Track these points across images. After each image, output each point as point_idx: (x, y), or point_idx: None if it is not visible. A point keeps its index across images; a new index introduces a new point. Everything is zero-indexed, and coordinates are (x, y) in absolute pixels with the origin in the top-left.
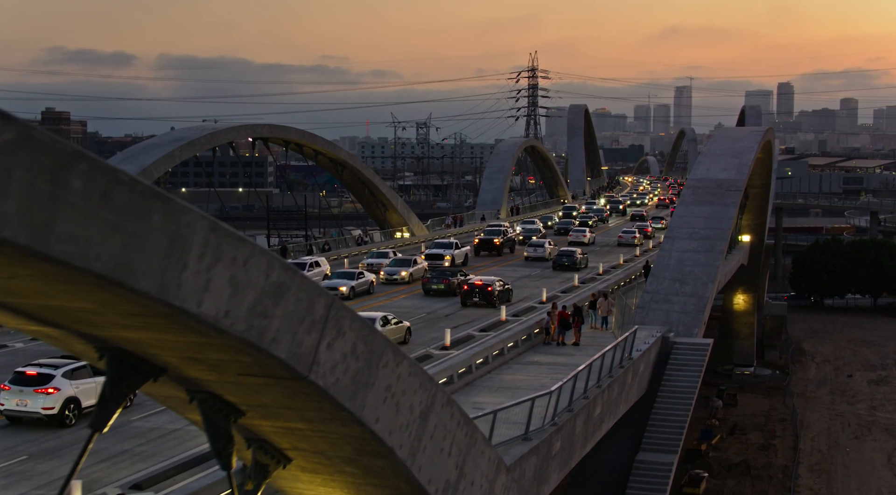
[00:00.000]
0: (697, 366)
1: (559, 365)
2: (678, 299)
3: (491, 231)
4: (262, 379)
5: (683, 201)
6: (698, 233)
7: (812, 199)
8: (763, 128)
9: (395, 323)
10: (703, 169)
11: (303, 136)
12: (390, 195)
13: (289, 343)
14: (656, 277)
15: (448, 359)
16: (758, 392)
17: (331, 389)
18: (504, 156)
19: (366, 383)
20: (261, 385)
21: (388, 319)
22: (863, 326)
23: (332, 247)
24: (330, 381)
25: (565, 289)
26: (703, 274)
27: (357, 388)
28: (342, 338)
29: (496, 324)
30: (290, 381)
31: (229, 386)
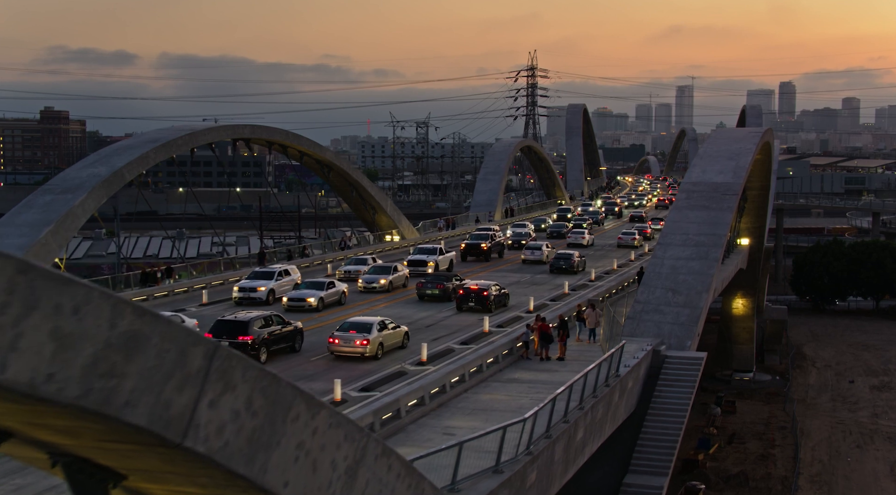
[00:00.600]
0: (690, 382)
1: (541, 383)
2: (670, 310)
3: (478, 235)
4: (128, 445)
5: (677, 206)
6: (692, 239)
7: (813, 200)
8: (761, 129)
9: (393, 327)
10: (699, 172)
11: (286, 137)
12: (379, 197)
13: (151, 405)
14: (648, 286)
15: (422, 377)
16: (757, 398)
17: (218, 455)
18: (499, 156)
19: (268, 443)
20: (131, 450)
21: (385, 324)
22: (865, 330)
23: (313, 251)
24: (216, 446)
25: (555, 297)
26: (697, 282)
27: (256, 450)
28: (231, 392)
29: (479, 336)
30: (163, 448)
31: (95, 451)
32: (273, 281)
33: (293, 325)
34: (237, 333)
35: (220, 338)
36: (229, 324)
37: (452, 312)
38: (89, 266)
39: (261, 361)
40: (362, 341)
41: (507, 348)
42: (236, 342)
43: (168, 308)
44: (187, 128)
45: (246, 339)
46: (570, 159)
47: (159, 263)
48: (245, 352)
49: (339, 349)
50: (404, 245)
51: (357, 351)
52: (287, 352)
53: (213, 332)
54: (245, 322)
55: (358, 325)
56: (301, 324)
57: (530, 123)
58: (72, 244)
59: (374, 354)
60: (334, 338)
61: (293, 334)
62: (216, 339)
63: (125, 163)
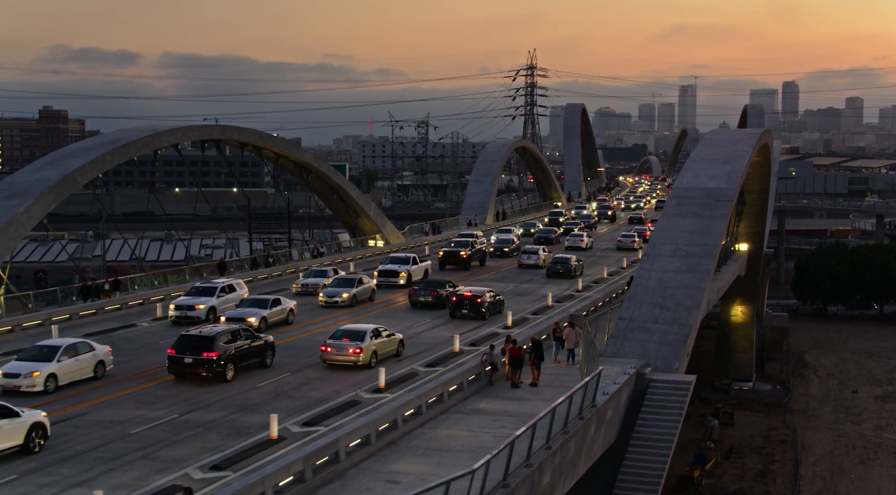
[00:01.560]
0: (677, 409)
1: (508, 415)
2: (657, 327)
3: (458, 242)
4: None
5: (667, 213)
6: (682, 249)
7: (816, 201)
8: (759, 131)
9: (387, 335)
10: (691, 176)
11: (260, 138)
12: (362, 200)
13: None
14: (633, 301)
15: (375, 409)
16: (757, 409)
17: None
18: (492, 157)
19: None
20: None
21: (379, 331)
22: (868, 336)
23: (283, 259)
24: None
25: (538, 310)
26: (686, 298)
27: None
28: None
29: (449, 356)
30: None
31: None
32: (214, 297)
33: (263, 339)
34: (201, 349)
35: (184, 355)
36: (193, 340)
37: (444, 320)
38: (73, 269)
39: (227, 379)
40: (355, 349)
41: (475, 373)
42: (201, 358)
43: (117, 322)
44: (149, 128)
45: (211, 356)
46: (567, 160)
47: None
48: (210, 369)
49: (332, 357)
50: (386, 251)
51: (350, 359)
52: (257, 367)
53: (175, 348)
54: (210, 337)
55: (351, 333)
56: (272, 338)
57: (529, 123)
58: (56, 247)
59: (367, 363)
60: (326, 346)
61: (263, 349)
62: (179, 356)
63: (78, 166)
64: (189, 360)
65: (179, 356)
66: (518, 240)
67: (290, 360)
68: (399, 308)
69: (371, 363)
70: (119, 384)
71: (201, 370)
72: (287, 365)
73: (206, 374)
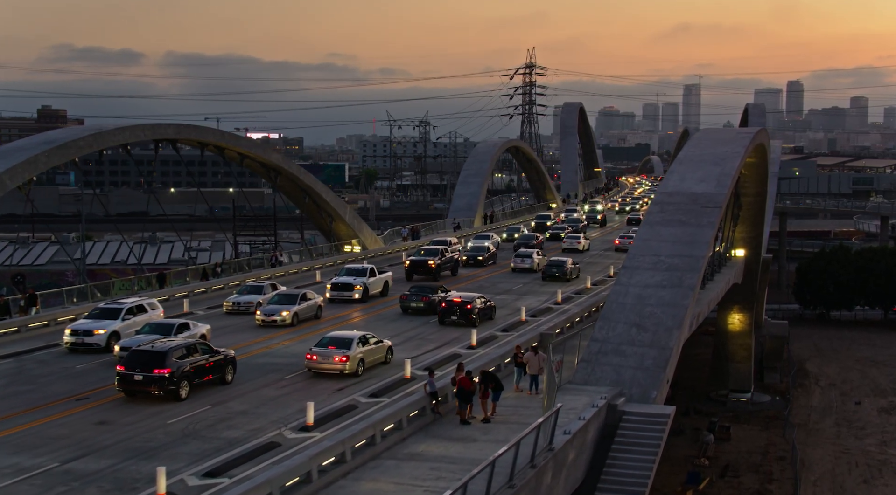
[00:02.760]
0: (652, 446)
1: (449, 461)
2: (634, 351)
3: (428, 250)
4: None
5: (648, 221)
6: (664, 261)
7: (819, 202)
8: (753, 130)
9: (375, 342)
10: (676, 179)
11: (222, 138)
12: (336, 203)
13: None
14: (607, 321)
15: (293, 453)
16: (755, 422)
17: None
18: (482, 157)
19: None
20: None
21: (366, 339)
22: (873, 343)
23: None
24: None
25: (508, 326)
26: (667, 317)
27: None
28: None
29: (399, 383)
30: None
31: None
32: (119, 320)
33: (223, 354)
34: (152, 366)
35: (133, 371)
36: (143, 355)
37: (434, 327)
38: (52, 273)
39: (181, 397)
40: (341, 357)
41: (418, 407)
42: (152, 376)
43: (41, 341)
44: (94, 127)
45: (162, 372)
46: (564, 160)
47: (126, 269)
48: (162, 387)
49: (317, 366)
50: (360, 257)
51: (336, 368)
52: (217, 384)
53: (125, 365)
54: (162, 352)
55: (337, 340)
56: (234, 352)
57: (528, 122)
58: (36, 249)
59: (353, 371)
60: (312, 354)
61: (223, 364)
62: (129, 372)
63: (6, 168)
64: (139, 377)
65: (129, 373)
66: (495, 247)
67: None
68: (387, 314)
69: (358, 371)
70: (5, 422)
71: (153, 388)
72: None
73: (158, 393)
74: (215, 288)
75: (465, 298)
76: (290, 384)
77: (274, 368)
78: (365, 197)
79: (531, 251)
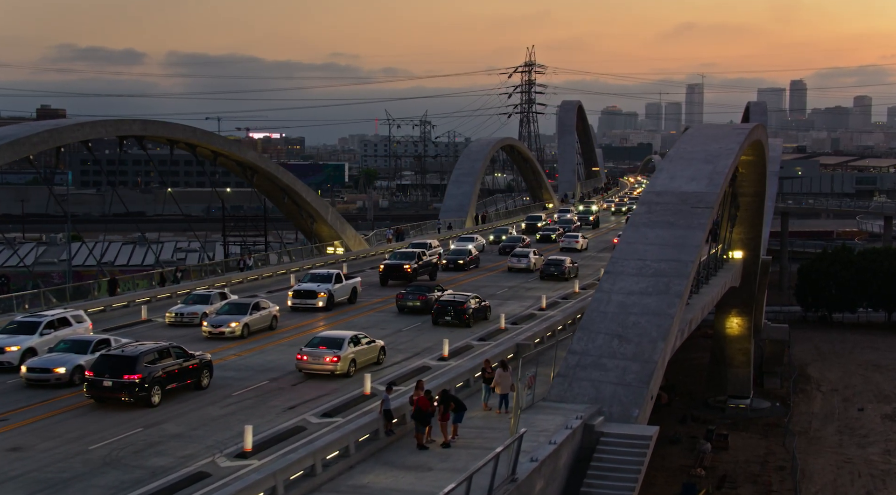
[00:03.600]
0: (633, 471)
1: (399, 494)
2: (615, 364)
3: (404, 254)
4: None
5: (634, 222)
6: (650, 266)
7: (822, 201)
8: (748, 126)
9: (367, 342)
10: (665, 178)
11: (193, 134)
12: (317, 203)
13: None
14: (587, 331)
15: (224, 484)
16: (754, 430)
17: None
18: (475, 156)
19: None
20: None
21: (358, 338)
22: (876, 346)
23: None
24: None
25: (486, 335)
26: (652, 327)
27: None
28: None
29: (359, 399)
30: None
31: None
32: (36, 335)
33: (198, 358)
34: (122, 371)
35: (102, 377)
36: (113, 360)
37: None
38: (39, 274)
39: (153, 403)
40: (332, 358)
41: (371, 430)
42: (121, 381)
43: None
44: (50, 123)
45: (133, 378)
46: (561, 159)
47: (114, 271)
48: (132, 393)
49: (308, 366)
50: (342, 260)
51: (327, 368)
52: (192, 389)
53: (94, 370)
54: (132, 357)
55: (329, 340)
56: (210, 356)
57: (526, 121)
58: (23, 250)
59: (345, 372)
60: (302, 354)
61: (198, 369)
62: (98, 378)
63: None
64: (108, 383)
65: (98, 378)
66: (478, 250)
67: None
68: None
69: (350, 372)
70: None
71: (122, 394)
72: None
73: (128, 399)
74: (162, 295)
75: (458, 298)
76: (237, 401)
77: (221, 384)
78: (363, 197)
79: (528, 251)
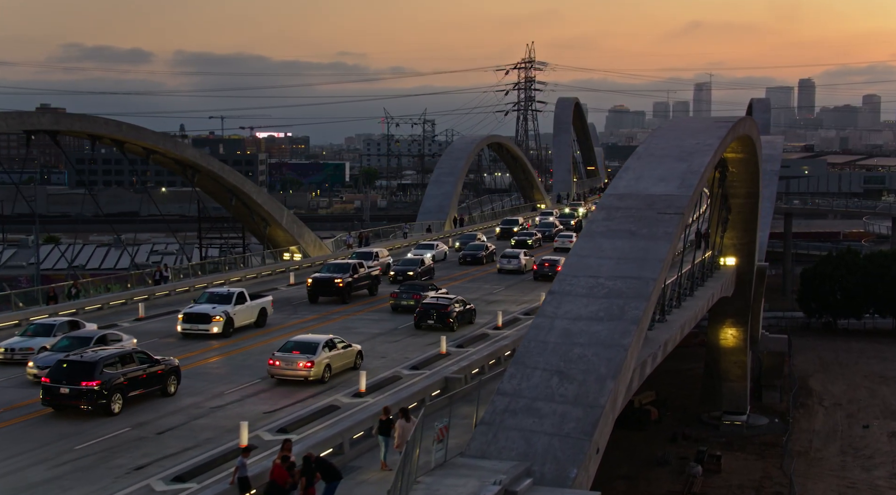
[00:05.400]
0: None
1: None
2: (552, 409)
3: (338, 266)
4: None
5: (589, 231)
6: (604, 285)
7: (828, 201)
8: (732, 119)
9: (343, 346)
10: (631, 178)
11: (118, 129)
12: (270, 206)
13: None
14: (522, 366)
15: None
16: (750, 450)
17: None
18: (457, 154)
19: None
20: None
21: (333, 343)
22: (883, 356)
23: (94, 289)
24: None
25: (420, 362)
26: (601, 361)
27: None
28: None
29: (231, 453)
30: None
31: None
32: None
33: (164, 364)
34: (80, 378)
35: (59, 384)
36: (71, 366)
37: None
38: (5, 278)
39: (113, 412)
40: (306, 363)
41: None
42: (79, 388)
43: None
44: None
45: (91, 385)
46: (556, 158)
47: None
48: (91, 401)
49: (280, 372)
50: (292, 267)
51: (300, 374)
52: (158, 395)
53: (51, 377)
54: (91, 363)
55: (302, 345)
56: (178, 361)
57: (526, 119)
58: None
59: (319, 377)
60: (275, 359)
61: (164, 375)
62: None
63: None
64: (66, 391)
65: (55, 385)
66: (433, 259)
67: None
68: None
69: (325, 377)
70: None
71: (81, 402)
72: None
73: (87, 407)
74: (41, 317)
75: (441, 301)
76: (74, 458)
77: None
78: (362, 197)
79: (518, 252)
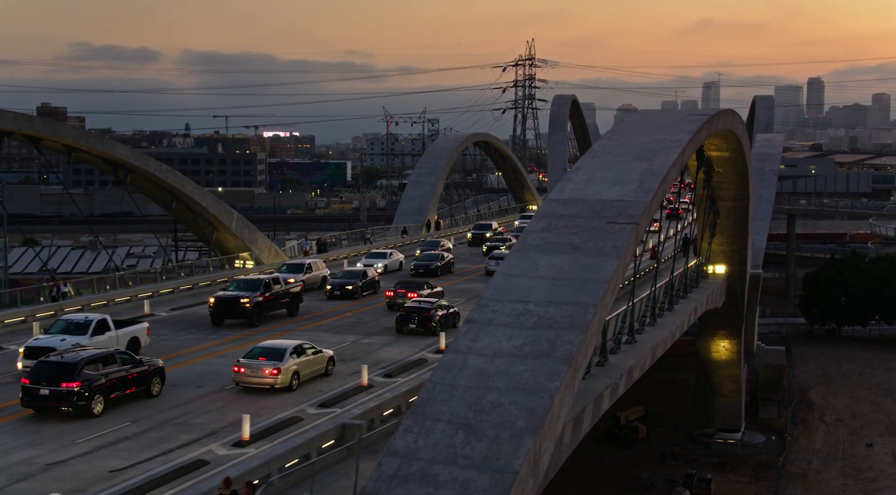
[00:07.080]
0: None
1: None
2: (453, 475)
3: (248, 283)
4: None
5: (523, 244)
6: (533, 312)
7: (833, 202)
8: (708, 112)
9: (313, 352)
10: (580, 180)
11: (31, 125)
12: (217, 209)
13: None
14: (421, 417)
15: None
16: (743, 472)
17: None
18: (439, 154)
19: None
20: None
21: (302, 348)
22: (889, 366)
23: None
24: None
25: (328, 400)
26: (519, 412)
27: None
28: None
29: None
30: None
31: None
32: None
33: (147, 364)
34: (60, 379)
35: (39, 385)
36: (51, 367)
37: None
38: None
39: (94, 413)
40: (272, 370)
41: None
42: (59, 390)
43: None
44: None
45: (71, 386)
46: (551, 157)
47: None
48: (70, 403)
49: (245, 380)
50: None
51: (266, 382)
52: (142, 397)
53: (30, 378)
54: (71, 364)
55: (269, 351)
56: (162, 362)
57: (524, 118)
58: None
59: (286, 385)
60: (240, 366)
61: (148, 376)
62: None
63: None
64: (45, 392)
65: (34, 387)
66: (377, 272)
67: None
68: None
69: (292, 385)
70: None
71: (61, 404)
72: None
73: (67, 409)
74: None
75: (424, 305)
76: None
77: None
78: (359, 197)
79: (506, 254)
